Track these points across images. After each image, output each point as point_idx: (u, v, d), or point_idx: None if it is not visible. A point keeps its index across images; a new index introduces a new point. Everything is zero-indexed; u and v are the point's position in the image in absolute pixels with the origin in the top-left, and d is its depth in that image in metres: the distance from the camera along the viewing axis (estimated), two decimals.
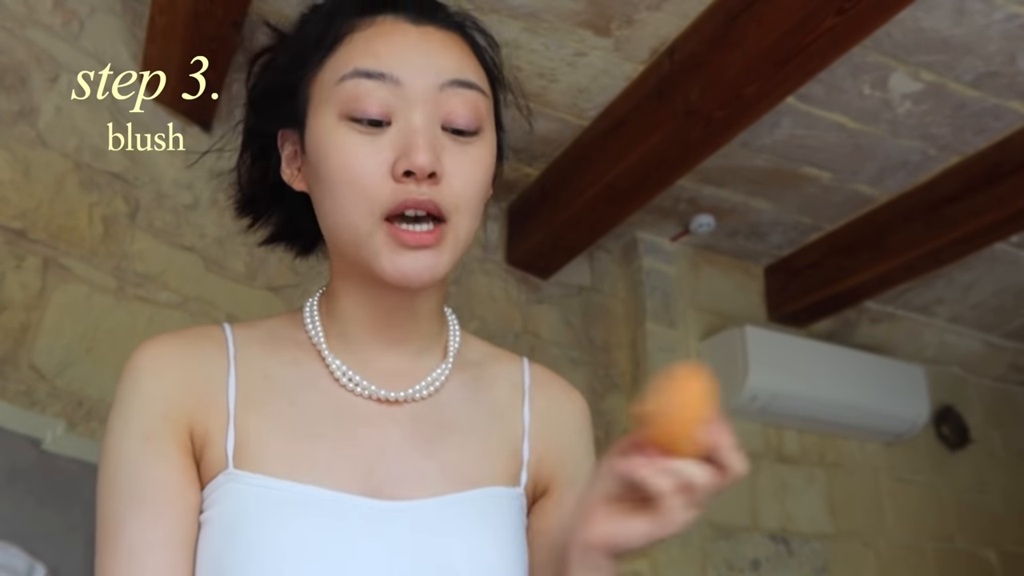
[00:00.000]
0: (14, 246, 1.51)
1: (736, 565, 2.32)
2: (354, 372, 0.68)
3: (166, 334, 0.69)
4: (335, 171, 0.62)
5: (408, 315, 0.69)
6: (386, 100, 0.62)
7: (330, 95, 0.64)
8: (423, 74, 0.63)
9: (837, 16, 1.46)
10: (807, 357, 2.49)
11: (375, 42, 0.64)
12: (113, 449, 0.63)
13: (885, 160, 2.14)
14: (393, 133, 0.62)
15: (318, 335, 0.70)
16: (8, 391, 1.45)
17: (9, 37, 1.58)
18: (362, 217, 0.62)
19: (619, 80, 1.88)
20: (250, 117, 0.74)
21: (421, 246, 0.62)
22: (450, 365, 0.72)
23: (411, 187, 0.61)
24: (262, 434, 0.64)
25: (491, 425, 0.72)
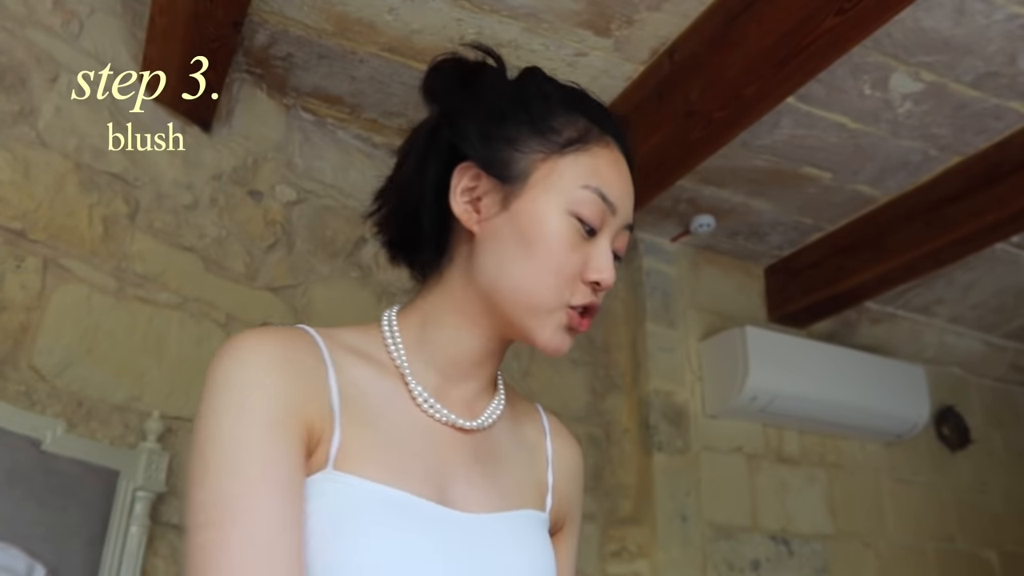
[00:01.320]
0: (14, 246, 1.51)
1: (736, 565, 2.31)
2: (434, 399, 0.75)
3: (262, 330, 0.70)
4: (549, 251, 0.72)
5: (494, 359, 0.79)
6: (603, 221, 0.74)
7: (567, 189, 0.73)
8: (624, 214, 0.77)
9: (837, 16, 1.46)
10: (807, 357, 2.49)
11: (610, 171, 0.76)
12: (231, 434, 0.63)
13: (885, 160, 2.14)
14: (594, 245, 0.74)
15: (401, 358, 0.76)
16: (8, 391, 1.44)
17: (9, 37, 1.58)
18: (553, 297, 0.73)
19: (619, 80, 1.88)
20: (447, 132, 0.78)
21: (579, 331, 0.75)
22: (503, 402, 0.82)
23: (590, 292, 0.74)
24: (360, 439, 0.68)
25: (526, 457, 0.83)
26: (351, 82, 1.95)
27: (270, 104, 2.02)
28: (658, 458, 2.31)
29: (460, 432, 0.76)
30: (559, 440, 0.87)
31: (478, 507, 0.73)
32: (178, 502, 1.62)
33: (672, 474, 2.31)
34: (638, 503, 2.30)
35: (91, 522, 1.43)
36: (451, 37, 1.77)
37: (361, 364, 0.73)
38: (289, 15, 1.75)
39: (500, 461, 0.78)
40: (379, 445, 0.69)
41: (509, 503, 0.76)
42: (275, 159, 1.99)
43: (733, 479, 2.42)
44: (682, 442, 2.37)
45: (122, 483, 1.49)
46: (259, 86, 2.00)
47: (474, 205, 0.75)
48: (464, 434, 0.76)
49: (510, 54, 1.80)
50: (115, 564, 1.44)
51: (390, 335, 0.77)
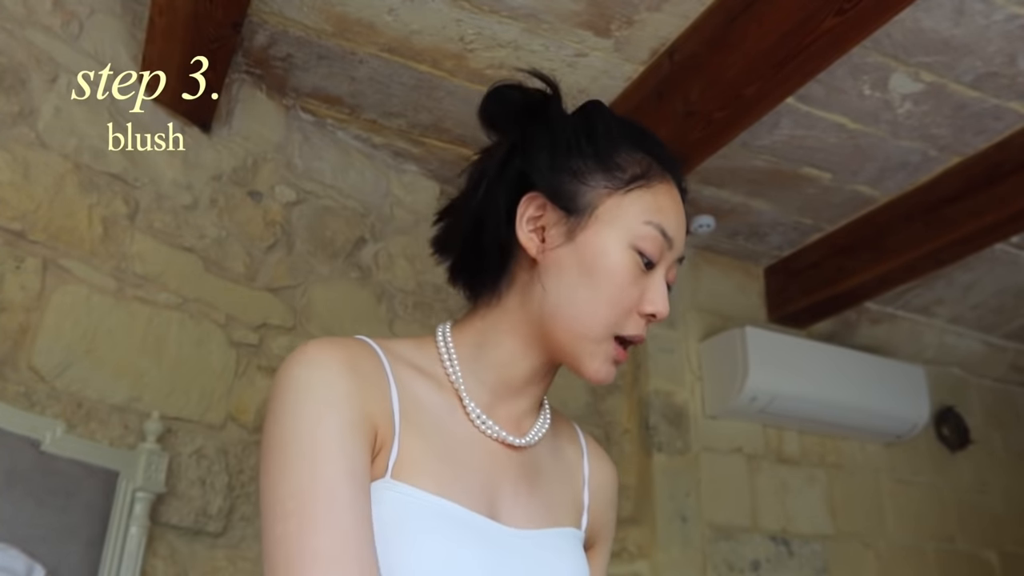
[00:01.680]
0: (13, 247, 1.51)
1: (736, 566, 2.31)
2: (486, 415, 0.78)
3: (330, 340, 0.73)
4: (611, 284, 0.75)
5: (544, 381, 0.82)
6: (661, 255, 0.77)
7: (630, 224, 0.76)
8: (677, 249, 0.79)
9: (837, 17, 1.46)
10: (807, 358, 2.49)
11: (668, 207, 0.79)
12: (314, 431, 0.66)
13: (885, 161, 2.14)
14: (651, 277, 0.77)
15: (456, 374, 0.79)
16: (7, 392, 1.44)
17: (8, 38, 1.58)
18: (603, 326, 0.75)
19: (619, 81, 1.88)
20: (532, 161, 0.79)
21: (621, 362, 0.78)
22: (548, 422, 0.84)
23: (642, 324, 0.77)
24: (417, 451, 0.71)
25: (566, 476, 0.86)
26: (351, 83, 1.95)
27: (270, 104, 2.02)
28: (658, 458, 2.31)
29: (509, 448, 0.79)
30: (595, 461, 0.90)
31: (523, 522, 0.75)
32: (177, 503, 1.62)
33: (672, 474, 2.31)
34: (638, 503, 2.30)
35: (91, 523, 1.43)
36: (451, 37, 1.77)
37: (419, 377, 0.76)
38: (289, 15, 1.75)
39: (542, 478, 0.81)
40: (434, 457, 0.72)
41: (550, 520, 0.79)
42: (275, 159, 1.99)
43: (733, 479, 2.42)
44: (682, 442, 2.37)
45: (122, 484, 1.49)
46: (259, 86, 2.00)
47: (539, 234, 0.78)
48: (512, 451, 0.79)
49: (510, 55, 1.80)
50: (114, 564, 1.44)
51: (445, 351, 0.80)
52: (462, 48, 1.80)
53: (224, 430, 1.74)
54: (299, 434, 0.65)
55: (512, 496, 0.76)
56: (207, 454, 1.69)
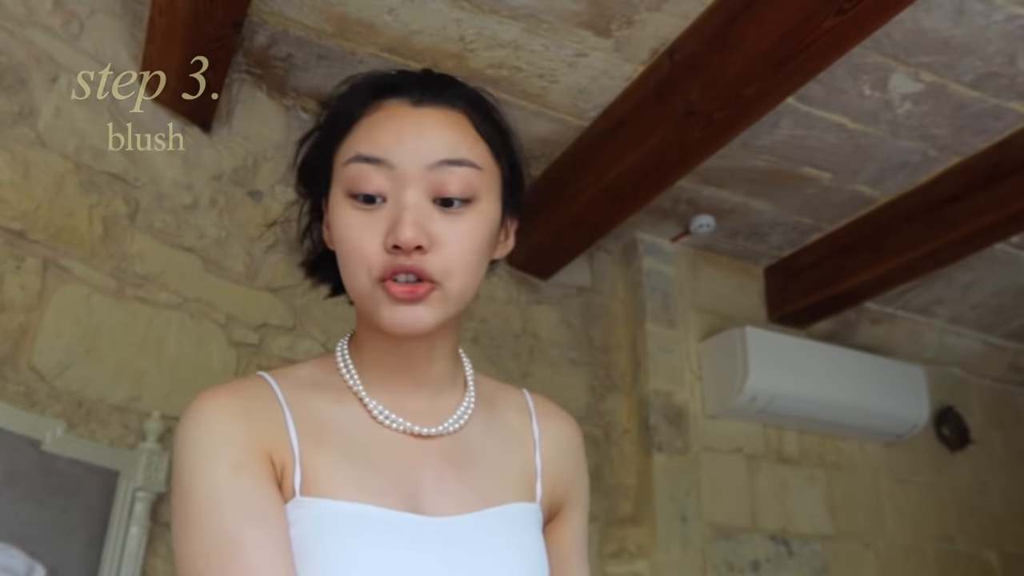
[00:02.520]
0: (14, 247, 1.51)
1: (736, 566, 2.31)
2: (390, 411, 0.76)
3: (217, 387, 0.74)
4: (342, 241, 0.72)
5: (425, 360, 0.78)
6: (381, 183, 0.71)
7: (340, 175, 0.73)
8: (414, 157, 0.71)
9: (837, 16, 1.46)
10: (807, 358, 2.49)
11: (375, 129, 0.73)
12: (205, 483, 0.67)
13: (885, 161, 2.14)
14: (388, 209, 0.71)
15: (354, 380, 0.77)
16: (8, 392, 1.44)
17: (9, 38, 1.58)
18: (363, 280, 0.71)
19: (619, 81, 1.88)
20: (299, 188, 0.83)
21: (412, 299, 0.70)
22: (473, 403, 0.81)
23: (400, 257, 0.69)
24: (324, 464, 0.71)
25: (508, 449, 0.82)
26: None
27: (270, 104, 2.02)
28: (658, 458, 2.31)
29: (423, 439, 0.76)
30: (547, 420, 0.86)
31: (451, 509, 0.73)
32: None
33: (672, 474, 2.31)
34: (638, 503, 2.30)
35: (91, 522, 1.43)
36: (450, 37, 1.77)
37: (318, 395, 0.76)
38: (289, 15, 1.75)
39: (477, 460, 0.78)
40: (343, 467, 0.71)
41: (489, 500, 0.76)
42: (275, 159, 1.99)
43: (733, 479, 2.42)
44: (682, 442, 2.37)
45: (122, 483, 1.49)
46: (259, 86, 2.00)
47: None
48: (428, 440, 0.76)
49: (510, 55, 1.81)
50: (115, 564, 1.44)
51: (343, 362, 0.79)
52: (462, 48, 1.80)
53: None
54: (195, 491, 0.66)
55: (435, 486, 0.74)
56: None
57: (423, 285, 0.70)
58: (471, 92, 0.78)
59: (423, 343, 0.76)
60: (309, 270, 0.86)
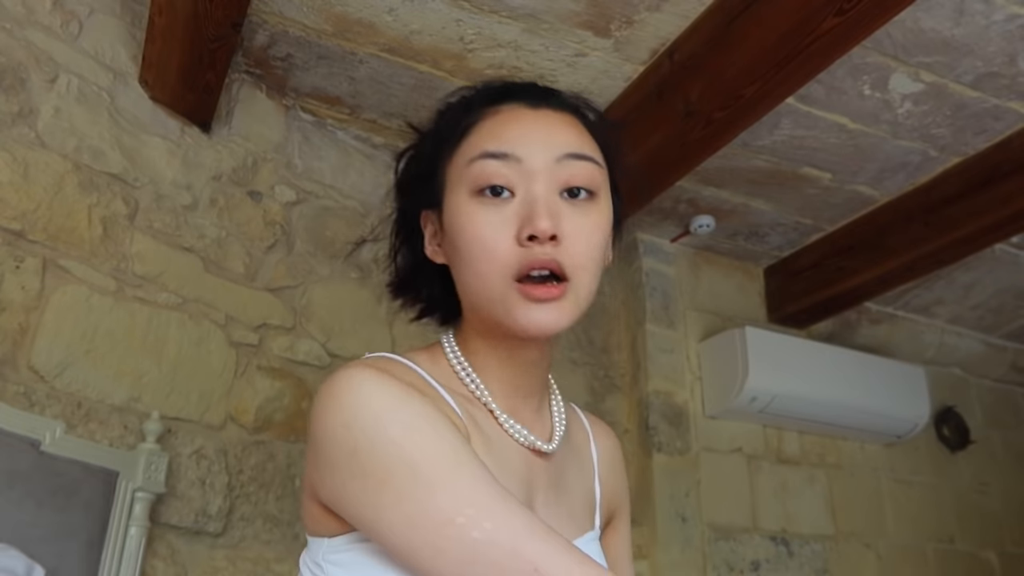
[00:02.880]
0: (13, 247, 1.51)
1: (736, 566, 2.31)
2: (518, 424, 0.74)
3: (371, 364, 0.67)
4: (469, 241, 0.69)
5: (537, 369, 0.77)
6: (509, 176, 0.70)
7: (463, 175, 0.71)
8: (541, 151, 0.71)
9: (837, 17, 1.46)
10: (807, 358, 2.49)
11: (499, 128, 0.72)
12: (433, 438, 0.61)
13: (885, 161, 2.14)
14: (517, 204, 0.69)
15: (477, 385, 0.75)
16: (7, 392, 1.44)
17: (8, 38, 1.58)
18: (496, 280, 0.69)
19: (619, 81, 1.88)
20: (399, 203, 0.82)
21: (549, 299, 0.68)
22: (563, 412, 0.80)
23: (536, 250, 0.67)
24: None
25: (580, 468, 0.82)
26: (350, 83, 1.95)
27: (269, 104, 2.02)
28: (658, 458, 2.31)
29: (538, 456, 0.75)
30: (600, 439, 0.87)
31: None
32: (177, 503, 1.62)
33: (672, 475, 2.31)
34: (638, 504, 2.30)
35: (90, 523, 1.43)
36: (451, 37, 1.77)
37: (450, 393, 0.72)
38: (289, 15, 1.75)
39: (565, 483, 0.78)
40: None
41: (574, 530, 0.76)
42: (274, 159, 1.99)
43: (733, 480, 2.42)
44: (682, 443, 2.37)
45: (121, 484, 1.48)
46: (259, 86, 1.99)
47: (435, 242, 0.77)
48: (543, 458, 0.76)
49: (510, 55, 1.80)
50: (114, 565, 1.44)
51: (458, 363, 0.76)
52: (462, 48, 1.80)
53: (224, 430, 1.74)
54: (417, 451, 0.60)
55: (545, 510, 0.73)
56: (207, 454, 1.69)
57: (559, 286, 0.68)
58: (581, 99, 0.79)
59: (539, 351, 0.76)
60: (399, 289, 0.84)
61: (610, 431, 0.90)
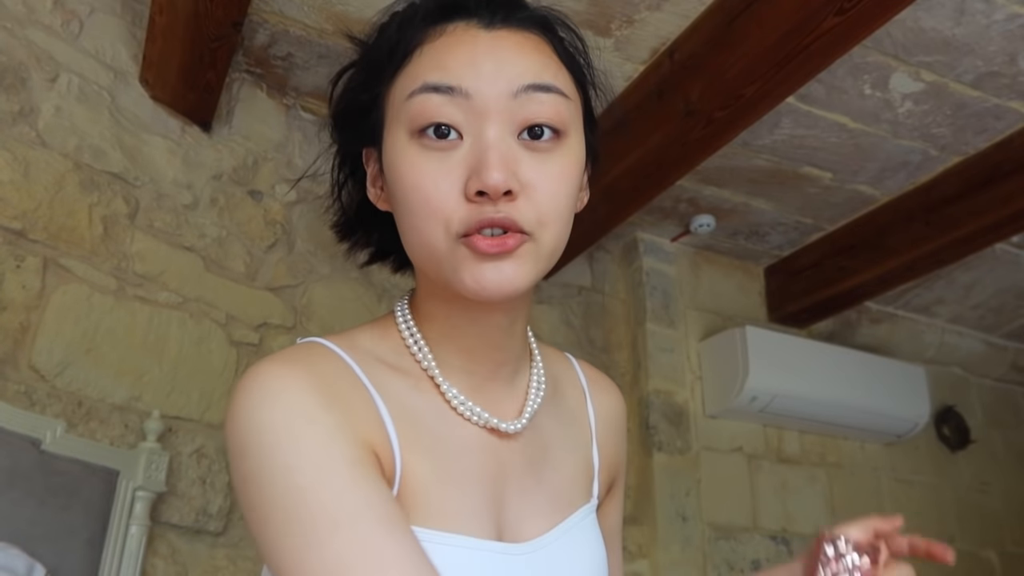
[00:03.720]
0: (14, 246, 1.51)
1: (736, 565, 2.31)
2: (472, 402, 0.65)
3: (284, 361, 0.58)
4: (409, 191, 0.59)
5: (507, 335, 0.66)
6: (456, 114, 0.59)
7: (400, 112, 0.61)
8: (494, 83, 0.59)
9: (837, 16, 1.46)
10: (807, 357, 2.49)
11: (443, 54, 0.61)
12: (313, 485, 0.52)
13: (886, 160, 2.14)
14: (465, 149, 0.58)
15: (429, 361, 0.65)
16: (8, 391, 1.44)
17: (9, 37, 1.58)
18: (438, 238, 0.58)
19: (619, 80, 1.88)
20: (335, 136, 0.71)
21: (503, 253, 0.57)
22: (543, 383, 0.70)
23: (487, 207, 0.57)
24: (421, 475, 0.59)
25: (571, 436, 0.72)
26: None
27: (270, 104, 2.02)
28: (658, 458, 2.31)
29: (506, 437, 0.66)
30: (598, 396, 0.77)
31: (535, 530, 0.64)
32: (178, 502, 1.62)
33: (672, 474, 2.31)
34: (638, 503, 2.30)
35: (91, 522, 1.43)
36: None
37: (395, 377, 0.63)
38: (289, 15, 1.75)
39: (550, 457, 0.68)
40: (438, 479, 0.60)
41: (565, 509, 0.67)
42: (275, 159, 1.99)
43: (733, 479, 2.42)
44: (682, 442, 2.37)
45: (122, 483, 1.49)
46: (259, 86, 2.00)
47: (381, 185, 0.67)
48: (509, 439, 0.66)
49: None
50: (115, 564, 1.44)
51: (411, 336, 0.66)
52: None
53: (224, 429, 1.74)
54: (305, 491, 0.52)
55: (519, 499, 0.64)
56: (207, 453, 1.69)
57: (512, 236, 0.57)
58: (549, 13, 0.66)
59: (506, 314, 0.65)
60: (344, 232, 0.74)
61: (611, 386, 0.79)
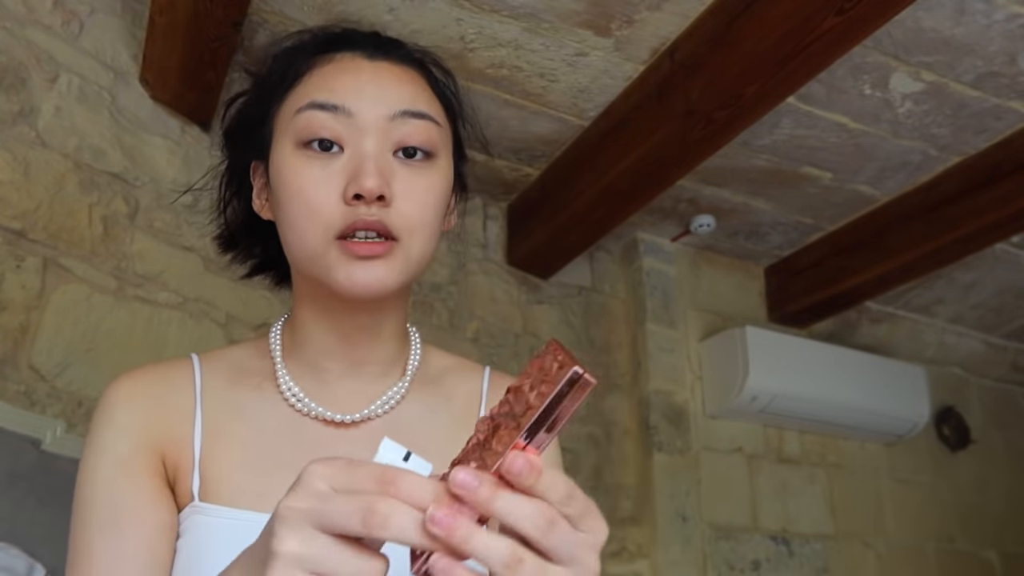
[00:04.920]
0: (14, 246, 1.51)
1: (736, 566, 2.31)
2: (307, 396, 0.70)
3: (138, 369, 0.71)
4: (292, 195, 0.66)
5: (370, 336, 0.72)
6: (338, 129, 0.66)
7: (288, 126, 0.67)
8: (374, 105, 0.67)
9: (837, 16, 1.46)
10: (807, 357, 2.49)
11: (330, 78, 0.68)
12: (88, 481, 0.66)
13: (886, 160, 2.14)
14: (345, 160, 0.65)
15: (279, 363, 0.72)
16: (8, 391, 1.44)
17: (9, 37, 1.58)
18: (316, 237, 0.65)
19: (619, 80, 1.88)
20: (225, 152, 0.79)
21: (372, 256, 0.64)
22: (407, 383, 0.74)
23: (361, 209, 0.64)
24: (228, 466, 0.67)
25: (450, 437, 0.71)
26: None
27: None
28: (658, 458, 2.31)
29: (346, 427, 0.70)
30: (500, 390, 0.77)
31: None
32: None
33: (672, 474, 2.31)
34: (638, 503, 2.30)
35: None
36: (451, 37, 1.77)
37: (240, 381, 0.72)
38: (289, 15, 1.75)
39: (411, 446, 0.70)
40: (252, 468, 0.66)
41: None
42: None
43: (733, 479, 2.42)
44: (682, 442, 2.37)
45: None
46: None
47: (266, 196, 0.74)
48: (352, 429, 0.70)
49: (510, 54, 1.80)
50: None
51: (274, 341, 0.74)
52: (462, 47, 1.80)
53: None
54: (79, 483, 0.66)
55: None
56: None
57: (384, 243, 0.64)
58: (425, 53, 0.76)
59: (370, 316, 0.71)
60: (226, 245, 0.81)
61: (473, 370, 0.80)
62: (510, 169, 2.24)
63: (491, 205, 2.38)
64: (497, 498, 0.41)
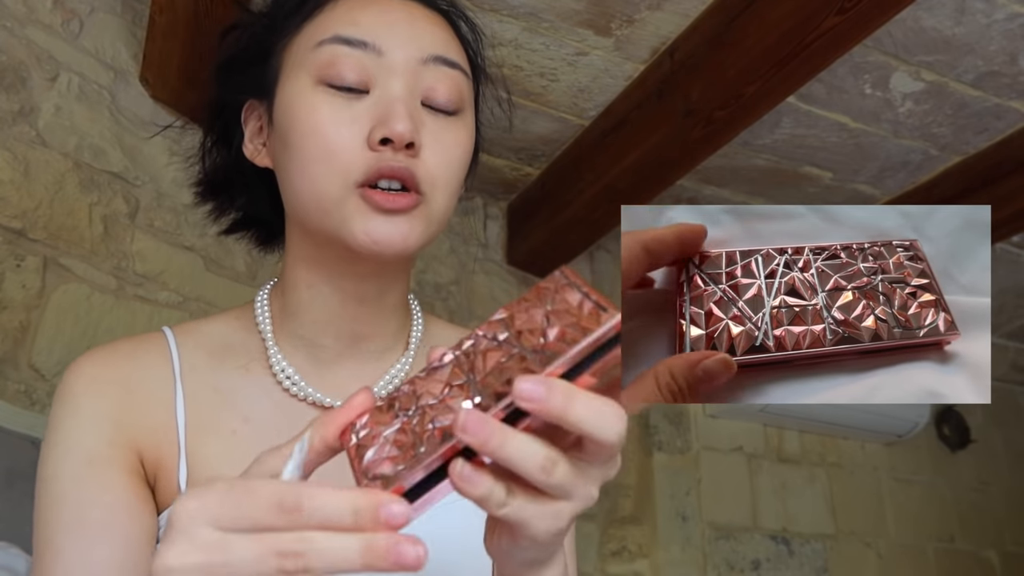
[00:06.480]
0: (14, 246, 1.51)
1: (736, 565, 2.31)
2: (303, 379, 0.63)
3: (102, 347, 0.64)
4: (307, 136, 0.58)
5: (374, 308, 0.65)
6: (366, 68, 0.58)
7: (305, 60, 0.60)
8: (406, 46, 0.59)
9: (838, 16, 1.46)
10: None
11: (358, 11, 0.60)
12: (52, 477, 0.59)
13: (886, 160, 2.14)
14: (371, 102, 0.58)
15: (269, 338, 0.65)
16: (8, 391, 1.44)
17: (9, 36, 1.58)
18: (333, 184, 0.57)
19: (619, 80, 1.88)
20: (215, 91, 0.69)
21: (396, 209, 0.57)
22: (411, 360, 0.67)
23: (387, 155, 0.57)
24: (215, 460, 0.60)
25: None
26: None
27: None
28: (658, 458, 2.31)
29: None
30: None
31: None
32: None
33: (672, 474, 2.31)
34: (638, 503, 2.30)
35: None
36: None
37: (224, 360, 0.64)
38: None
39: None
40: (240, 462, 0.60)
41: None
42: None
43: (733, 479, 2.42)
44: (682, 442, 2.37)
45: None
46: None
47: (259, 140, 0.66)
48: None
49: (510, 53, 1.80)
50: None
51: (260, 313, 0.67)
52: None
53: None
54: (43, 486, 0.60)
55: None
56: None
57: (408, 196, 0.57)
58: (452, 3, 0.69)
59: (377, 283, 0.63)
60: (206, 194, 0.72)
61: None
62: (510, 169, 2.24)
63: (491, 205, 2.38)
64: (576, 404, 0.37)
